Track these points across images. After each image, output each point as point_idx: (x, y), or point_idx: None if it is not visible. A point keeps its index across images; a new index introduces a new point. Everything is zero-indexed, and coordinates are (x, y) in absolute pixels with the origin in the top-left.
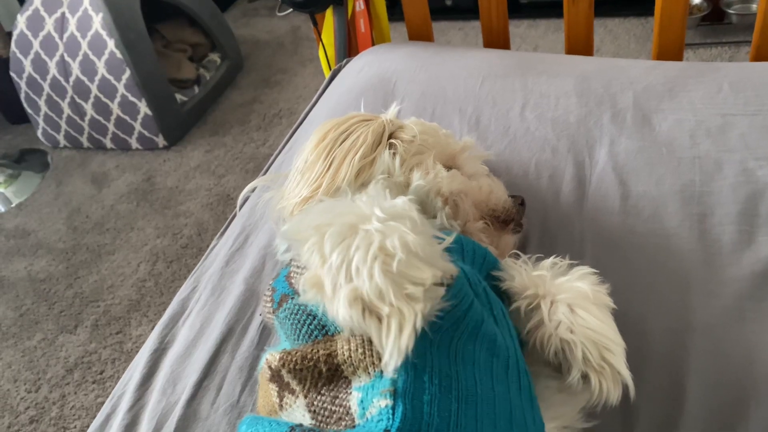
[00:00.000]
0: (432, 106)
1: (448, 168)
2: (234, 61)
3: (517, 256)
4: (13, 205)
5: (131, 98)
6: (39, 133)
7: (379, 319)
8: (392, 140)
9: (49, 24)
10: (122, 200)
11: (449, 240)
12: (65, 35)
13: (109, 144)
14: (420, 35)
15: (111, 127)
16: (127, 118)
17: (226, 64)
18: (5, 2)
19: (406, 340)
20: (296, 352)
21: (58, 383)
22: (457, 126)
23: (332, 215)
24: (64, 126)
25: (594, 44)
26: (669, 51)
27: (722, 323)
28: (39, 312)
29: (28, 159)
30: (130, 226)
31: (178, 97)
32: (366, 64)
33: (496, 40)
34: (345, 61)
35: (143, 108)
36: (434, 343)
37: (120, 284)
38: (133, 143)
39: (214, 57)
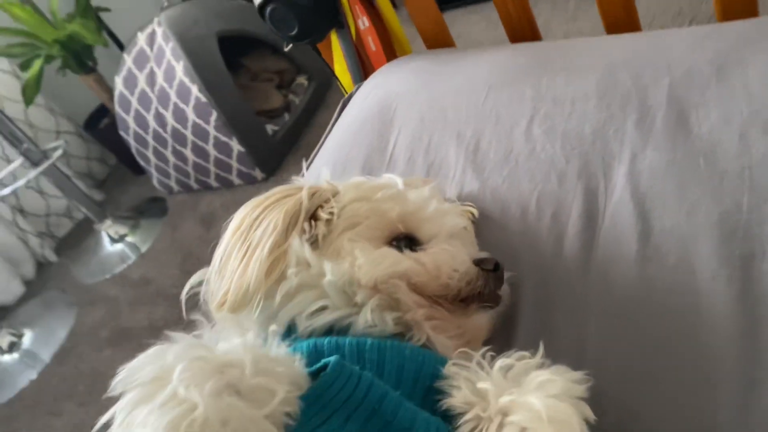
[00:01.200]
0: (429, 134)
1: (389, 242)
2: (321, 81)
3: (467, 357)
4: (141, 253)
5: (223, 138)
6: (155, 182)
7: None
8: (314, 219)
9: (142, 80)
10: None
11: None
12: (155, 88)
13: (214, 184)
14: (437, 42)
15: (212, 167)
16: (223, 157)
17: (313, 85)
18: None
19: None
20: None
21: None
22: (453, 156)
23: (148, 369)
24: (173, 173)
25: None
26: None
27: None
28: None
29: (151, 207)
30: None
31: (269, 127)
32: (372, 89)
33: (520, 30)
34: (357, 87)
35: (235, 146)
36: None
37: None
38: (234, 180)
39: (302, 80)
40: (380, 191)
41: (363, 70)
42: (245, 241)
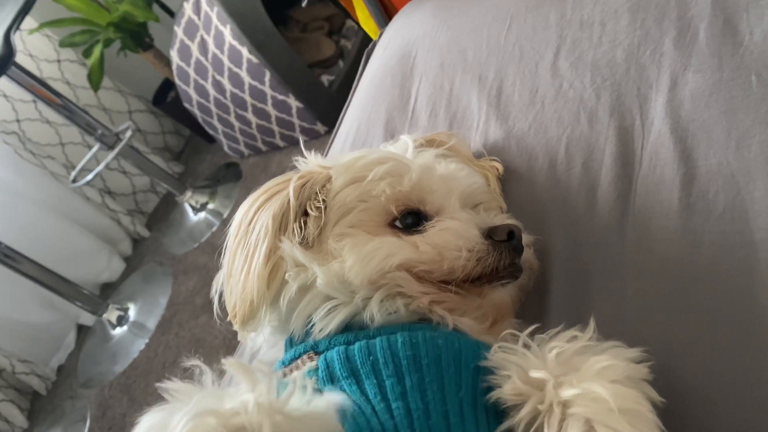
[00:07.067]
0: (450, 81)
1: (390, 224)
2: None
3: (513, 338)
4: (223, 218)
5: (280, 97)
6: (225, 148)
7: None
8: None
9: (195, 50)
10: None
11: None
12: (209, 56)
13: (280, 143)
14: None
15: (275, 127)
16: (284, 116)
17: None
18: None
19: None
20: None
21: None
22: (476, 103)
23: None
24: (240, 137)
25: None
26: None
27: None
28: None
29: (226, 173)
30: None
31: (325, 78)
32: (392, 37)
33: None
34: (380, 34)
35: (293, 102)
36: None
37: None
38: (299, 136)
39: (352, 22)
40: (374, 168)
41: (386, 12)
42: (245, 245)
